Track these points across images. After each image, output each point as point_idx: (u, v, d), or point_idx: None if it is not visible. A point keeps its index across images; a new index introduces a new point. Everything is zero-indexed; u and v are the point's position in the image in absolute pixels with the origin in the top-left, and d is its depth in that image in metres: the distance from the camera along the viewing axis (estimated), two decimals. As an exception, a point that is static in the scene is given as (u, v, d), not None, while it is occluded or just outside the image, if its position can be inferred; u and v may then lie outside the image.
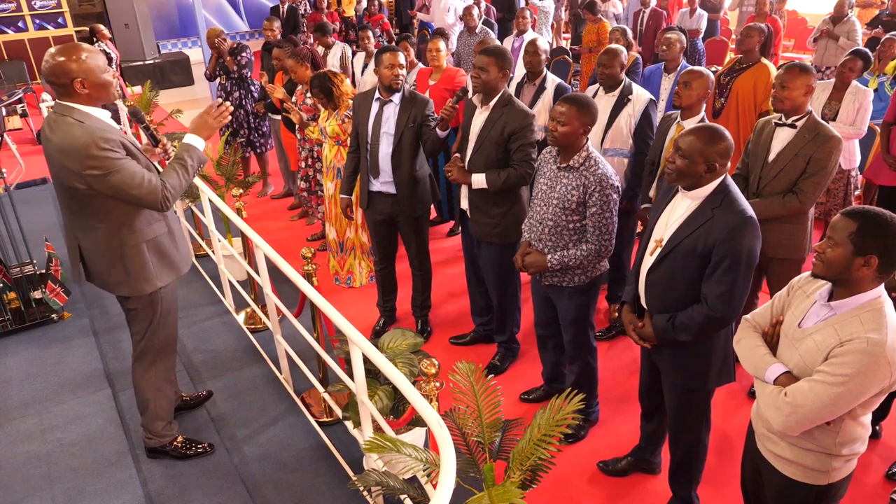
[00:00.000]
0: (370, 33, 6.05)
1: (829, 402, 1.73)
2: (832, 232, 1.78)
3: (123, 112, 6.24)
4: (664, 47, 4.51)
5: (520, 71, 4.70)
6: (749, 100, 4.56)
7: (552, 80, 4.23)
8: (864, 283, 1.76)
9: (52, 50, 2.41)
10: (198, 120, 2.69)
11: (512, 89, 4.21)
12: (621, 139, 3.71)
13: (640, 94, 3.71)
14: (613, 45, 3.81)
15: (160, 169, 2.69)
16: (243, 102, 5.99)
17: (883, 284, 1.79)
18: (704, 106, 3.37)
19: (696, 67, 3.40)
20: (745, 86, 4.56)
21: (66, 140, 2.39)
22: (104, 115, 2.54)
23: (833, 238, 1.77)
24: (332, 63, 6.37)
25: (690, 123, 3.27)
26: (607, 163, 2.79)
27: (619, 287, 3.98)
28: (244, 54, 5.90)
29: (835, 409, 1.75)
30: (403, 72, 3.59)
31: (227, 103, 2.72)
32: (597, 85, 3.88)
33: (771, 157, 3.07)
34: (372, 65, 5.81)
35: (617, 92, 3.73)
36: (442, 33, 5.82)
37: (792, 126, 3.03)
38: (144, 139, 2.95)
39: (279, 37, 6.17)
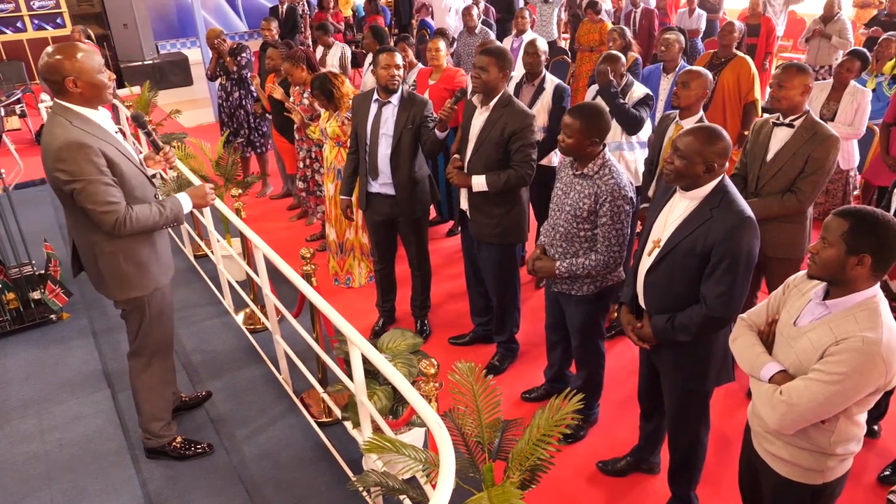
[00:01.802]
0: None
1: (824, 401, 1.74)
2: (825, 232, 1.79)
3: (124, 113, 6.23)
4: (663, 48, 4.53)
5: (519, 71, 4.70)
6: (734, 92, 4.73)
7: (551, 81, 4.23)
8: (859, 282, 1.76)
9: (49, 48, 2.42)
10: (199, 189, 2.78)
11: (511, 90, 4.21)
12: (616, 133, 3.83)
13: (636, 89, 3.85)
14: (613, 52, 3.91)
15: (163, 175, 2.69)
16: (243, 102, 5.99)
17: (878, 284, 1.79)
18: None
19: (695, 67, 3.40)
20: (729, 79, 4.73)
21: (48, 139, 2.41)
22: (101, 116, 2.54)
23: (826, 238, 1.78)
24: (332, 63, 6.37)
25: (689, 123, 3.27)
26: (623, 172, 2.76)
27: (619, 287, 4.01)
28: (244, 55, 5.90)
29: (830, 407, 1.75)
30: (400, 72, 3.58)
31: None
32: (597, 85, 3.91)
33: (769, 156, 3.08)
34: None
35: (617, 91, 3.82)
36: (442, 33, 5.82)
37: (790, 126, 3.03)
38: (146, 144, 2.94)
39: (277, 37, 6.17)
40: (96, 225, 2.50)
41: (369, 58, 6.11)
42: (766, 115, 3.27)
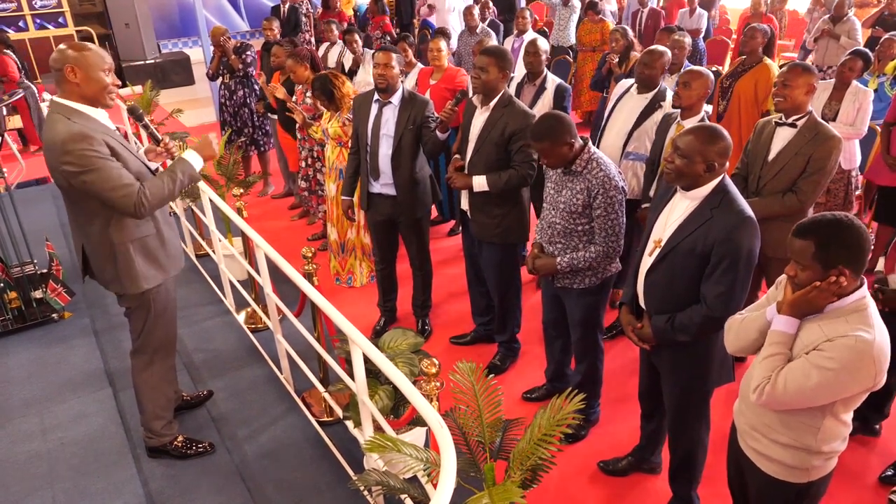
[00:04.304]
0: (356, 36, 6.01)
1: (809, 391, 1.73)
2: (793, 255, 1.78)
3: (124, 111, 6.23)
4: (676, 50, 4.47)
5: (520, 71, 4.70)
6: (750, 101, 4.61)
7: (552, 81, 4.23)
8: (846, 289, 1.76)
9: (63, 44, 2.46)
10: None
11: (512, 90, 4.21)
12: (645, 144, 3.69)
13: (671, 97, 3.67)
14: (658, 46, 3.76)
15: (161, 170, 2.69)
16: (247, 101, 6.00)
17: (866, 285, 1.79)
18: (705, 105, 3.38)
19: (696, 67, 3.40)
20: (745, 88, 4.63)
21: (49, 135, 2.42)
22: (99, 114, 2.53)
23: (799, 262, 1.77)
24: (332, 62, 6.37)
25: (690, 123, 3.27)
26: (611, 163, 2.78)
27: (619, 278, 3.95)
28: (249, 52, 5.91)
29: (814, 396, 1.75)
30: (391, 72, 3.54)
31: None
32: (632, 80, 3.86)
33: (771, 156, 3.08)
34: (364, 67, 5.85)
35: (650, 95, 3.69)
36: (443, 33, 5.82)
37: (792, 126, 3.03)
38: (146, 138, 2.93)
39: (278, 36, 6.18)
40: (108, 218, 2.51)
41: (349, 58, 6.08)
42: (768, 116, 3.27)
